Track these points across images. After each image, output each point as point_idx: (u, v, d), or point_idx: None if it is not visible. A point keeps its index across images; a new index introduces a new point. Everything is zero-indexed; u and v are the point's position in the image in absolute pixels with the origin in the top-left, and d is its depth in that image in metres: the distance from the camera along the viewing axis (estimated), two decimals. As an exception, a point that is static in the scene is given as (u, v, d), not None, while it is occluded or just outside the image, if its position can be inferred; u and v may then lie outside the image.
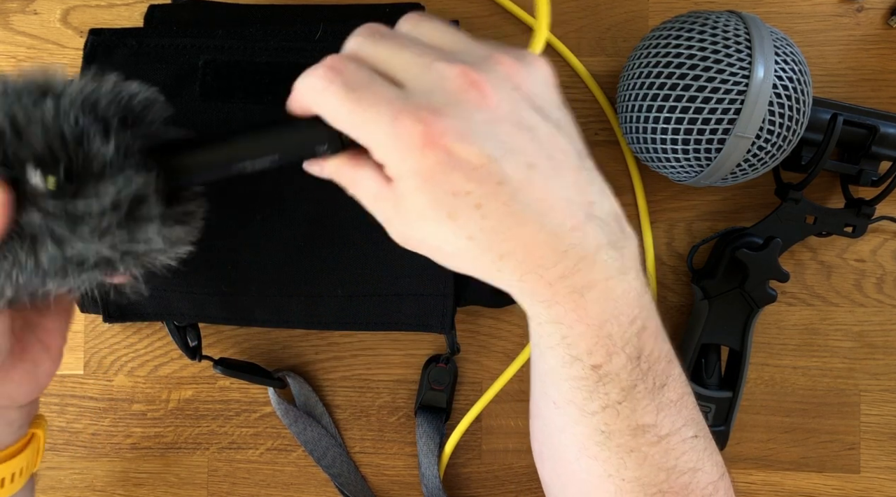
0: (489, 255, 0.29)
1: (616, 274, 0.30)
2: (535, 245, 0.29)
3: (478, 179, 0.27)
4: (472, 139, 0.27)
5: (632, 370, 0.32)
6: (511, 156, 0.28)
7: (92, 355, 0.52)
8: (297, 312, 0.45)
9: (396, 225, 0.31)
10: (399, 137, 0.27)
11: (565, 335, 0.31)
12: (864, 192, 0.48)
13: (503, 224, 0.28)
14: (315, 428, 0.50)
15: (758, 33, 0.40)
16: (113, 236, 0.29)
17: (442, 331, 0.46)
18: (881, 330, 0.50)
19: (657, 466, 0.34)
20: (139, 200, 0.29)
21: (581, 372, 0.32)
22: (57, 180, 0.28)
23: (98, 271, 0.31)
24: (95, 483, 0.52)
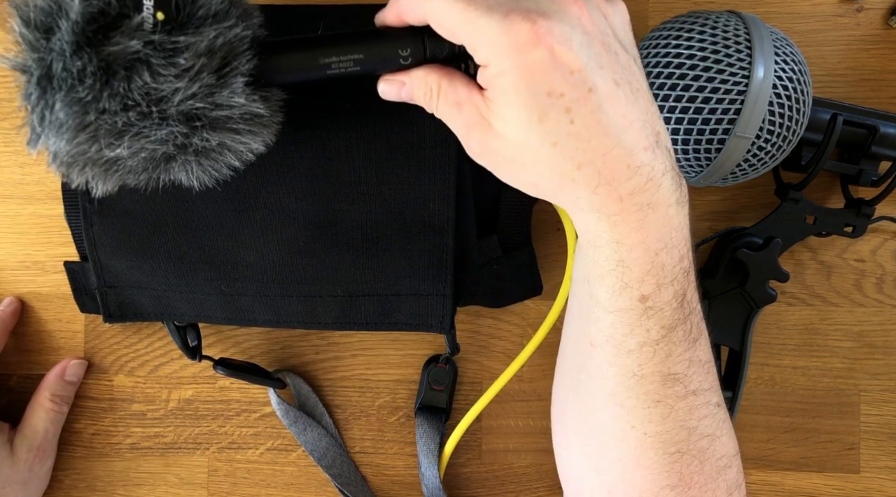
0: (569, 163, 0.30)
1: (675, 203, 0.32)
2: (613, 157, 0.30)
3: (573, 83, 0.29)
4: (573, 45, 0.29)
5: (675, 309, 0.33)
6: (601, 69, 0.29)
7: (92, 355, 0.52)
8: (297, 312, 0.45)
9: (477, 134, 0.31)
10: (508, 33, 0.28)
11: (622, 258, 0.32)
12: (863, 192, 0.48)
13: (588, 131, 0.29)
14: (315, 428, 0.50)
15: (758, 33, 0.40)
16: (202, 82, 0.30)
17: (442, 331, 0.46)
18: (881, 330, 0.50)
19: (680, 423, 0.34)
20: (232, 52, 0.31)
21: (628, 302, 0.33)
22: (167, 15, 0.29)
23: (174, 129, 0.31)
24: (95, 483, 0.52)
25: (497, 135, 0.31)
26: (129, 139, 0.31)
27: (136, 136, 0.31)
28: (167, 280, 0.45)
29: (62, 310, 0.51)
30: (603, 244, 0.32)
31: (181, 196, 0.43)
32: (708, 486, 0.35)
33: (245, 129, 0.33)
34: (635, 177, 0.31)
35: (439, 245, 0.44)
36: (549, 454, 0.51)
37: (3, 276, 0.51)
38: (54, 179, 0.50)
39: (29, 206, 0.51)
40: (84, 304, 0.49)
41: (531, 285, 0.48)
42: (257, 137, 0.34)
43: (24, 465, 0.48)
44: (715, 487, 0.36)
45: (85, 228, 0.44)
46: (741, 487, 0.37)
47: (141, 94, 0.30)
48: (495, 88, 0.30)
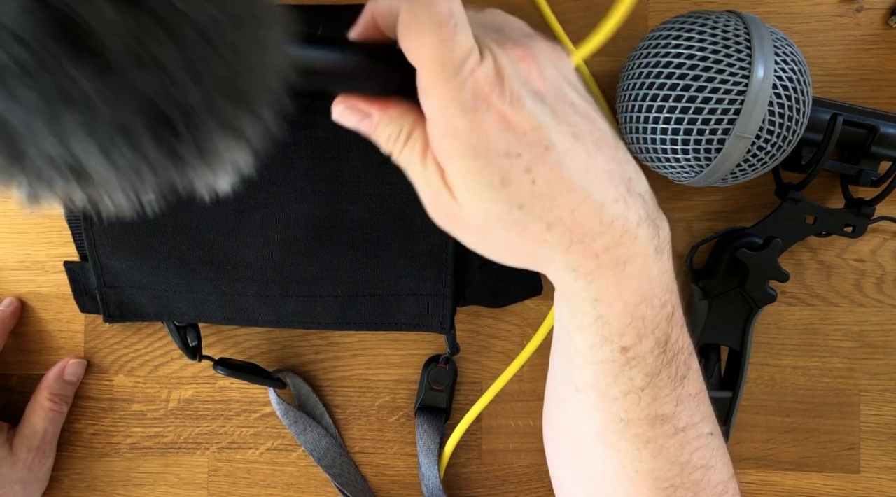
0: (538, 224, 0.29)
1: (653, 252, 0.31)
2: (582, 213, 0.29)
3: (528, 143, 0.28)
4: (523, 104, 0.27)
5: (658, 355, 0.32)
6: (557, 125, 0.28)
7: (92, 355, 0.52)
8: (297, 312, 0.46)
9: (444, 198, 0.29)
10: (459, 92, 0.27)
11: (602, 314, 0.31)
12: (863, 192, 0.48)
13: (552, 189, 0.28)
14: (315, 428, 0.50)
15: (758, 33, 0.40)
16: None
17: (442, 331, 0.46)
18: (881, 330, 0.50)
19: (671, 460, 0.34)
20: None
21: (609, 354, 0.32)
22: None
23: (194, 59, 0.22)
24: (95, 483, 0.52)
25: (460, 206, 0.29)
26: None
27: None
28: (167, 280, 0.45)
29: (62, 310, 0.51)
30: (580, 300, 0.32)
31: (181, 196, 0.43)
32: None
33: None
34: (609, 231, 0.30)
35: (439, 245, 0.44)
36: (549, 454, 0.51)
37: (3, 276, 0.51)
38: (54, 179, 0.50)
39: (29, 206, 0.51)
40: (84, 304, 0.49)
41: (531, 285, 0.48)
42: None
43: (24, 464, 0.48)
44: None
45: (85, 228, 0.44)
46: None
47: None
48: (450, 151, 0.28)
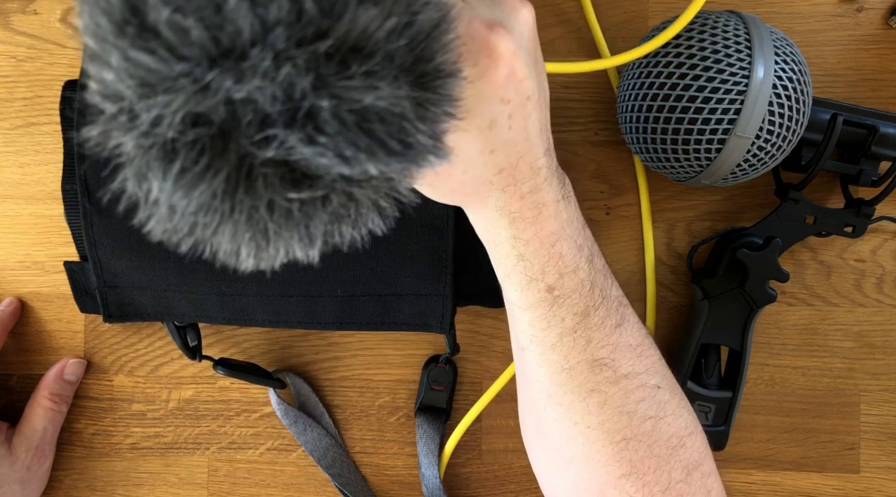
0: (494, 168, 0.31)
1: (562, 198, 0.34)
2: (525, 160, 0.32)
3: (518, 91, 0.30)
4: (522, 55, 0.29)
5: (584, 296, 0.34)
6: (536, 76, 0.31)
7: (92, 355, 0.52)
8: (297, 312, 0.46)
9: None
10: (473, 41, 0.28)
11: (522, 253, 0.34)
12: (863, 193, 0.48)
13: (517, 137, 0.31)
14: (315, 428, 0.50)
15: (758, 33, 0.40)
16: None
17: (442, 331, 0.46)
18: (881, 330, 0.50)
19: (618, 409, 0.35)
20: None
21: (536, 295, 0.34)
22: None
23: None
24: (95, 483, 0.52)
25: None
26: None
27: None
28: (167, 280, 0.45)
29: (62, 310, 0.51)
30: (502, 241, 0.34)
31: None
32: (661, 469, 0.35)
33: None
34: (534, 178, 0.33)
35: (439, 245, 0.44)
36: (549, 454, 0.51)
37: (3, 276, 0.51)
38: (54, 179, 0.50)
39: (29, 206, 0.51)
40: (84, 304, 0.49)
41: (531, 285, 0.48)
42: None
43: (23, 464, 0.48)
44: (669, 469, 0.36)
45: (85, 228, 0.44)
46: (702, 466, 0.37)
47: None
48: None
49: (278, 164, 0.19)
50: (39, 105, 0.51)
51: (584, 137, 0.50)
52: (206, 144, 0.19)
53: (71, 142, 0.45)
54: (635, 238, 0.51)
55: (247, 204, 0.20)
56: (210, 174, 0.19)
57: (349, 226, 0.23)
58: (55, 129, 0.50)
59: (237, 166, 0.19)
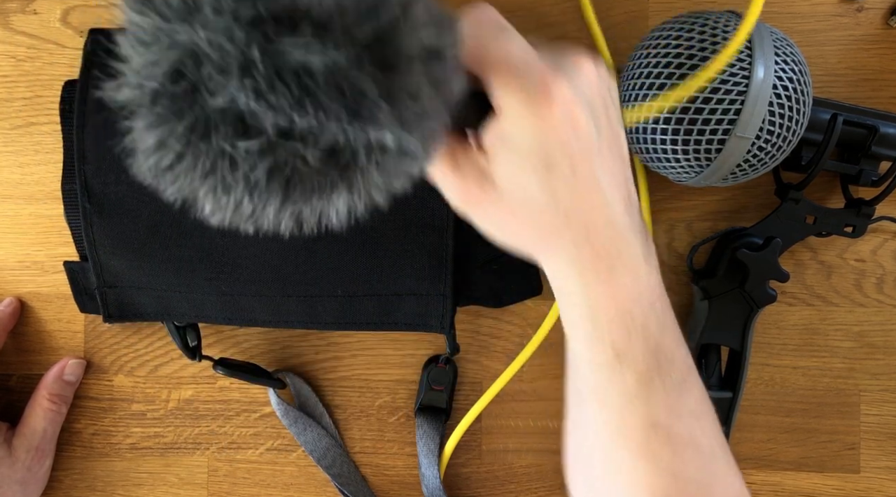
0: (562, 214, 0.32)
1: (642, 258, 0.34)
2: (598, 211, 0.32)
3: (579, 139, 0.31)
4: (584, 107, 0.31)
5: (648, 358, 0.34)
6: (600, 132, 0.32)
7: (92, 355, 0.52)
8: (297, 312, 0.46)
9: (474, 189, 0.32)
10: (535, 87, 0.30)
11: (591, 306, 0.33)
12: (864, 193, 0.48)
13: (584, 185, 0.32)
14: (315, 428, 0.50)
15: (758, 33, 0.40)
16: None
17: (442, 331, 0.46)
18: (881, 330, 0.50)
19: (669, 471, 0.34)
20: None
21: (601, 352, 0.34)
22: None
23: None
24: (95, 483, 0.52)
25: (495, 186, 0.32)
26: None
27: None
28: (167, 280, 0.45)
29: (62, 310, 0.51)
30: (573, 292, 0.34)
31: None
32: None
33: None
34: (611, 231, 0.33)
35: (439, 245, 0.44)
36: (548, 454, 0.51)
37: (3, 276, 0.51)
38: (54, 179, 0.50)
39: (29, 206, 0.51)
40: (84, 304, 0.49)
41: (531, 285, 0.48)
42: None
43: (23, 465, 0.48)
44: None
45: (85, 228, 0.44)
46: None
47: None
48: (511, 135, 0.30)
49: (230, 115, 0.22)
50: (39, 105, 0.51)
51: (584, 137, 0.50)
52: (179, 94, 0.22)
53: (71, 141, 0.45)
54: (635, 238, 0.51)
55: (203, 149, 0.22)
56: (175, 119, 0.22)
57: (315, 196, 0.24)
58: (55, 129, 0.50)
59: (200, 116, 0.22)
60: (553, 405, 0.51)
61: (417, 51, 0.23)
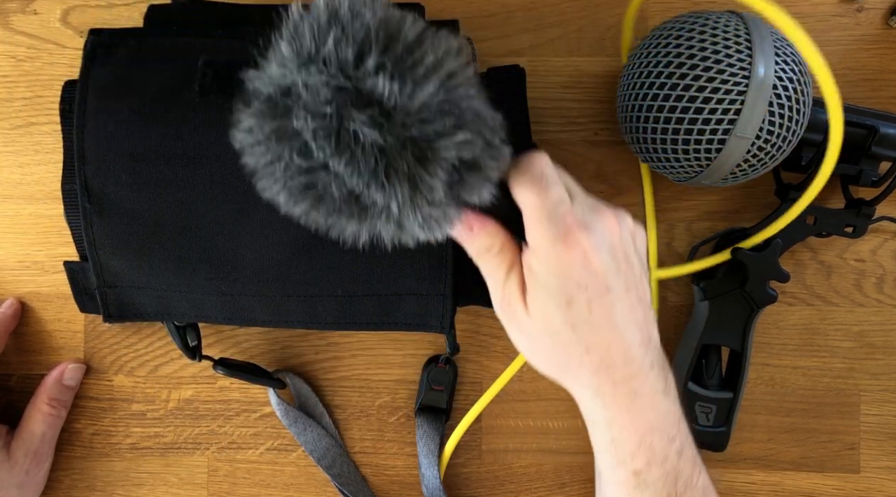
0: (581, 346, 0.35)
1: (661, 392, 0.37)
2: (615, 347, 0.36)
3: (595, 281, 0.35)
4: (601, 253, 0.35)
5: (668, 484, 0.37)
6: (618, 276, 0.36)
7: (92, 355, 0.52)
8: (297, 312, 0.45)
9: (514, 303, 0.36)
10: (559, 232, 0.35)
11: (615, 437, 0.37)
12: (864, 193, 0.48)
13: (601, 322, 0.35)
14: (315, 428, 0.50)
15: (758, 33, 0.40)
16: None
17: (442, 331, 0.46)
18: (881, 330, 0.50)
19: None
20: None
21: (624, 476, 0.38)
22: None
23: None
24: (95, 483, 0.52)
25: (526, 310, 0.36)
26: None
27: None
28: (167, 280, 0.45)
29: (62, 310, 0.51)
30: (598, 422, 0.38)
31: (181, 196, 0.43)
32: None
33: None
34: (629, 366, 0.36)
35: (439, 245, 0.44)
36: (548, 454, 0.51)
37: (3, 276, 0.51)
38: (54, 179, 0.50)
39: (29, 206, 0.51)
40: (84, 304, 0.49)
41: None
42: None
43: (21, 468, 0.48)
44: None
45: (85, 228, 0.44)
46: None
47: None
48: (538, 271, 0.35)
49: (299, 137, 0.29)
50: (39, 105, 0.51)
51: (584, 137, 0.50)
52: (279, 105, 0.29)
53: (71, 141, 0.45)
54: (635, 238, 0.51)
55: (272, 147, 0.30)
56: (268, 119, 0.30)
57: (333, 216, 0.31)
58: (55, 128, 0.50)
59: (282, 127, 0.29)
60: (553, 405, 0.51)
61: (452, 158, 0.30)
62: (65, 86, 0.46)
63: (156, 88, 0.42)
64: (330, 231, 0.32)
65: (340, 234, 0.32)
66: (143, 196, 0.43)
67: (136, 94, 0.42)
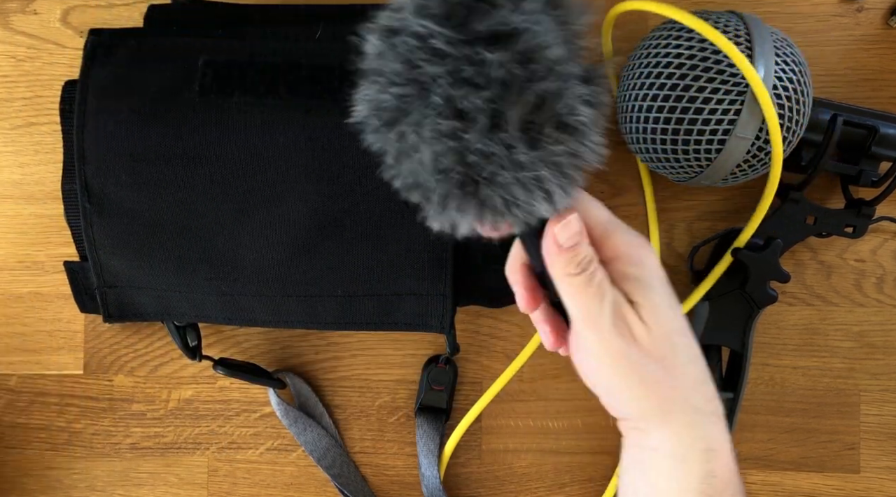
0: (685, 356, 0.33)
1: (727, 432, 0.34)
2: (704, 373, 0.34)
3: (670, 288, 0.33)
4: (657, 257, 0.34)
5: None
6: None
7: (92, 355, 0.52)
8: (297, 312, 0.46)
9: (609, 327, 0.32)
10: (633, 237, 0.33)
11: (713, 469, 0.32)
12: (864, 193, 0.48)
13: (692, 341, 0.34)
14: (315, 428, 0.50)
15: (758, 34, 0.40)
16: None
17: (442, 331, 0.46)
18: (881, 330, 0.50)
19: None
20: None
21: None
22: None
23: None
24: (95, 483, 0.52)
25: (644, 325, 0.32)
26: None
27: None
28: (167, 280, 0.45)
29: (62, 310, 0.51)
30: (694, 455, 0.32)
31: (181, 196, 0.43)
32: None
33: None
34: (711, 381, 0.33)
35: (439, 245, 0.44)
36: (548, 454, 0.51)
37: (3, 276, 0.52)
38: (54, 179, 0.50)
39: (29, 206, 0.51)
40: (84, 304, 0.49)
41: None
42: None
43: None
44: None
45: (85, 228, 0.44)
46: None
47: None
48: (641, 275, 0.32)
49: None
50: (39, 105, 0.51)
51: (585, 137, 0.50)
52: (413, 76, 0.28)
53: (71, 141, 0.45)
54: (635, 238, 0.51)
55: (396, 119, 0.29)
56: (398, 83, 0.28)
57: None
58: (55, 129, 0.50)
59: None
60: (553, 405, 0.51)
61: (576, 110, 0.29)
62: (65, 86, 0.46)
63: (156, 88, 0.42)
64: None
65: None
66: (143, 196, 0.43)
67: (136, 94, 0.42)
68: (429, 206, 0.30)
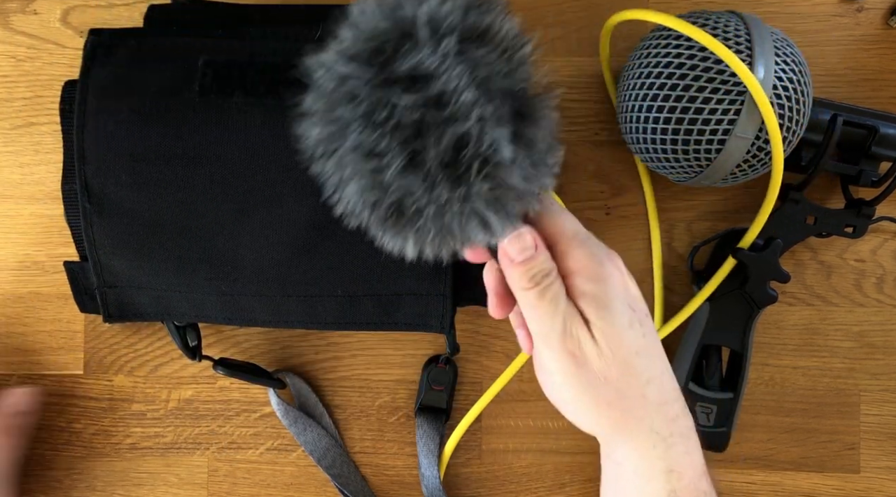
0: (644, 376, 0.32)
1: (694, 428, 0.35)
2: (666, 375, 0.34)
3: (638, 304, 0.34)
4: (630, 281, 0.34)
5: None
6: (644, 305, 0.35)
7: (92, 355, 0.52)
8: (297, 312, 0.46)
9: (567, 343, 0.32)
10: (608, 258, 0.34)
11: (674, 489, 0.33)
12: (864, 193, 0.48)
13: (654, 348, 0.33)
14: (315, 428, 0.50)
15: (758, 34, 0.40)
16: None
17: (442, 331, 0.46)
18: (881, 330, 0.50)
19: None
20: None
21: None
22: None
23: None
24: (95, 483, 0.52)
25: (595, 342, 0.31)
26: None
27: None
28: (167, 280, 0.45)
29: (62, 310, 0.51)
30: (655, 475, 0.33)
31: (181, 196, 0.43)
32: None
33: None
34: (678, 401, 0.33)
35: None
36: (548, 454, 0.51)
37: (3, 276, 0.51)
38: (54, 179, 0.50)
39: (29, 206, 0.51)
40: (84, 304, 0.49)
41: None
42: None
43: None
44: None
45: (85, 228, 0.44)
46: None
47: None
48: (596, 292, 0.31)
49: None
50: (39, 105, 0.51)
51: (584, 137, 0.50)
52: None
53: (71, 141, 0.45)
54: (636, 238, 0.51)
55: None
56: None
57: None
58: (55, 129, 0.50)
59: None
60: (552, 405, 0.51)
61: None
62: (65, 86, 0.46)
63: (156, 88, 0.42)
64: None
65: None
66: (143, 196, 0.43)
67: (136, 94, 0.42)
68: (371, 231, 0.31)
